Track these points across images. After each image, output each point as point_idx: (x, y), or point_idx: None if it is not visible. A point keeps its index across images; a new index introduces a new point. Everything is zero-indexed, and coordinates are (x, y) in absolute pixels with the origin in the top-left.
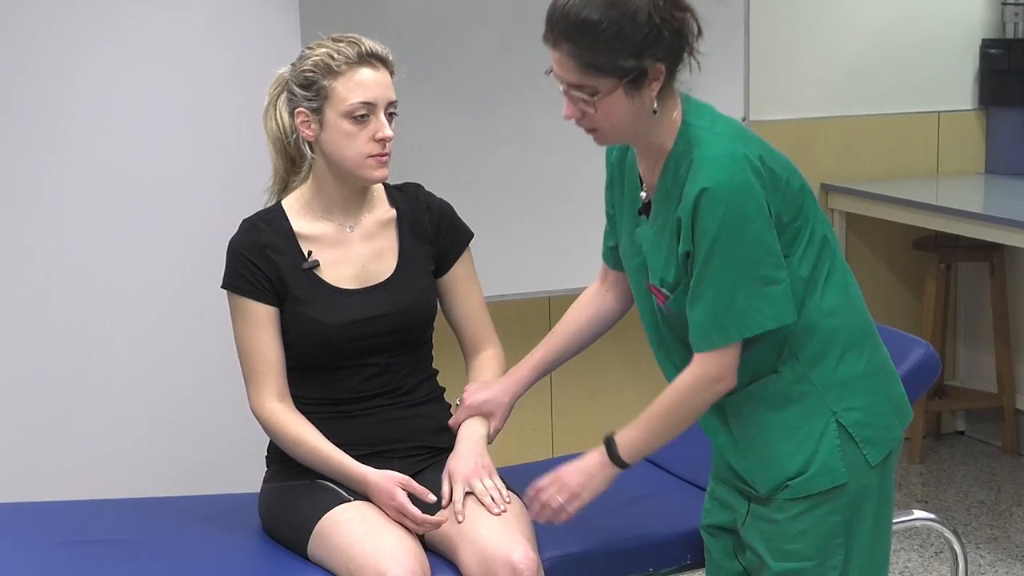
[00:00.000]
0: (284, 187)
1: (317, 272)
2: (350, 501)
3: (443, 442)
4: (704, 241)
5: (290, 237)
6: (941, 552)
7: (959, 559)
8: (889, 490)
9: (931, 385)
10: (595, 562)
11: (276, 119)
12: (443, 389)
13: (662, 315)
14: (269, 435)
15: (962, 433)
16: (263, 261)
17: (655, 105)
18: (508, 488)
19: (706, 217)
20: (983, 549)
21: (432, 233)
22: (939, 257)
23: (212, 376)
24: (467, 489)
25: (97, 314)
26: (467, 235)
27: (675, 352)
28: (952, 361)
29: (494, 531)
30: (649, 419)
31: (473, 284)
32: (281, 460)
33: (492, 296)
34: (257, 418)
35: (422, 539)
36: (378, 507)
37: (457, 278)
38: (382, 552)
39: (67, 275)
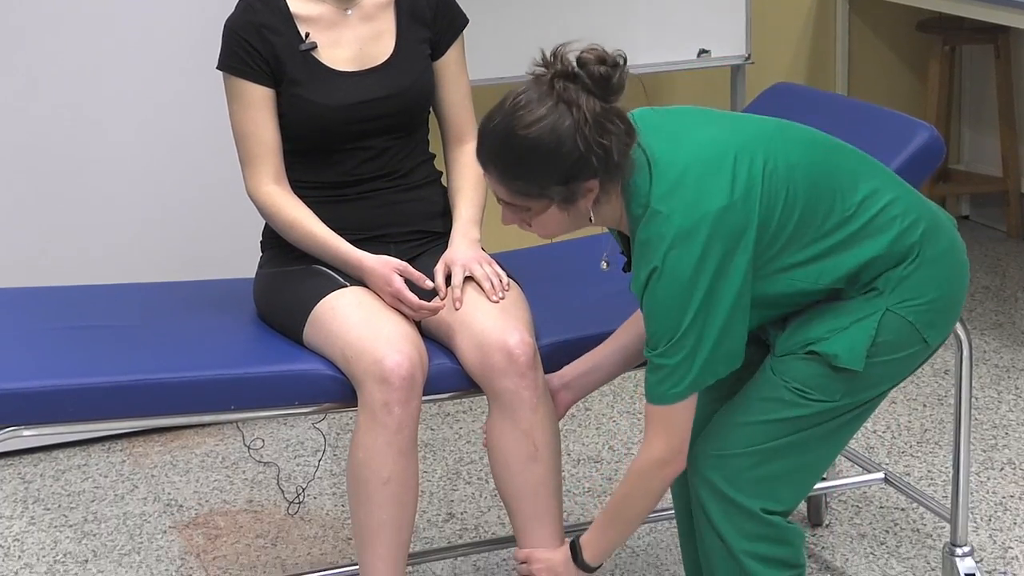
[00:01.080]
0: None
1: (314, 54)
2: (347, 286)
3: (439, 227)
4: (654, 309)
5: (287, 18)
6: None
7: (963, 345)
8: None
9: (935, 169)
10: (592, 348)
11: None
12: (440, 173)
13: None
14: (265, 218)
15: (967, 218)
16: (259, 41)
17: (591, 215)
18: (508, 276)
19: (644, 299)
20: (988, 335)
21: (429, 16)
22: (943, 39)
23: (208, 162)
24: (467, 274)
25: (92, 101)
26: (462, 20)
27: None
28: (956, 145)
29: (491, 317)
30: (605, 517)
31: (463, 72)
32: (276, 245)
33: (490, 79)
34: (253, 201)
35: (419, 326)
36: (375, 293)
37: (448, 64)
38: (379, 338)
39: (59, 63)
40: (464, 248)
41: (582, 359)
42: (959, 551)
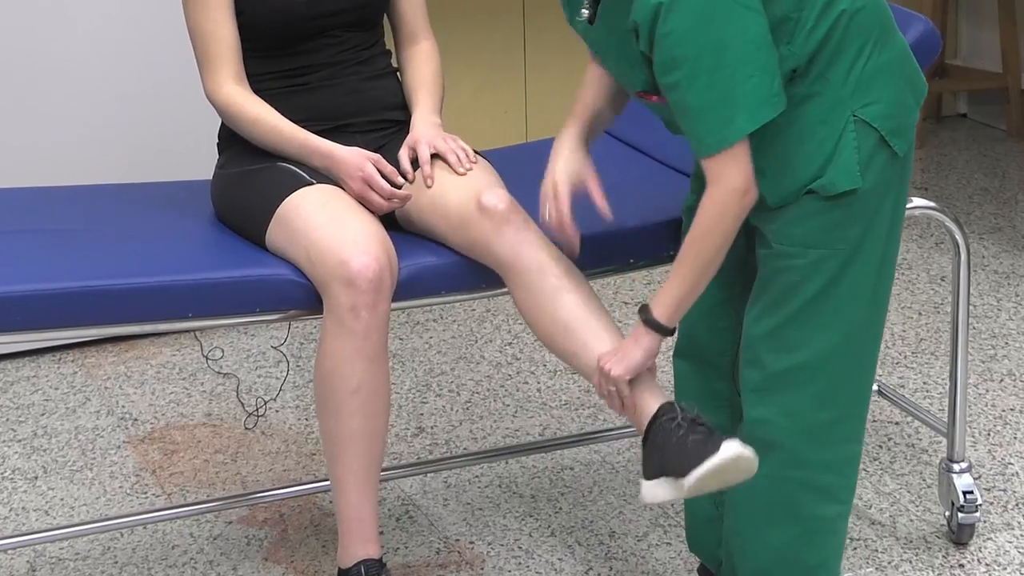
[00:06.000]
0: None
1: None
2: (313, 184)
3: (401, 116)
4: (671, 53)
5: None
6: (942, 243)
7: (961, 250)
8: (908, 179)
9: (931, 64)
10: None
11: None
12: (396, 69)
13: (660, 109)
14: (226, 120)
15: (964, 116)
16: None
17: None
18: (476, 152)
19: (668, 27)
20: (986, 239)
21: None
22: None
23: (163, 58)
24: (432, 151)
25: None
26: None
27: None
28: (954, 38)
29: (463, 186)
30: (679, 269)
31: None
32: (236, 144)
33: None
34: (213, 103)
35: (394, 223)
36: (342, 191)
37: None
38: (345, 239)
39: None
40: (426, 128)
41: (561, 145)
42: (956, 467)
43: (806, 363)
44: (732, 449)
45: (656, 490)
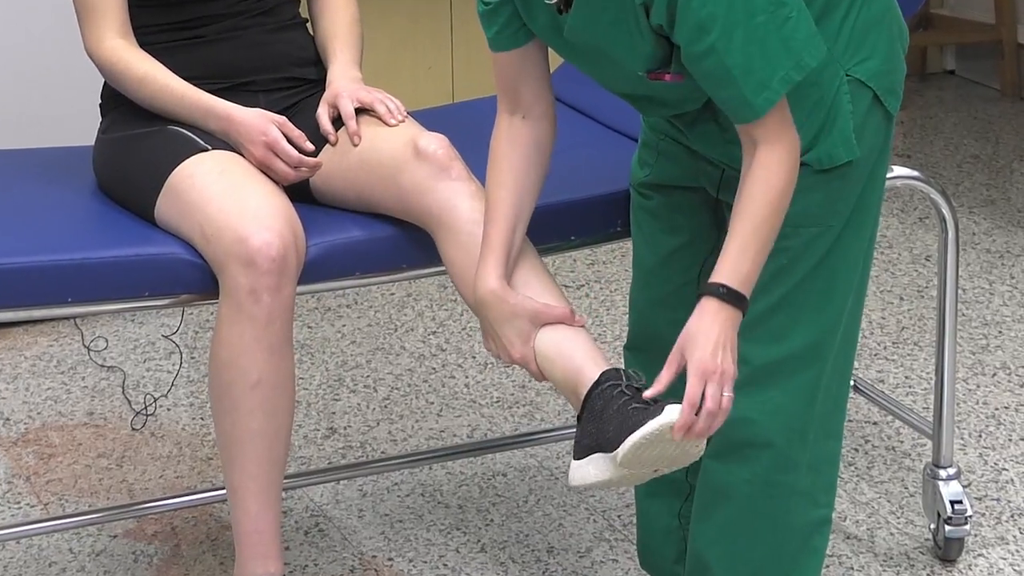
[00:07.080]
0: None
1: None
2: (208, 150)
3: (313, 74)
4: (698, 15)
5: None
6: (926, 217)
7: (948, 225)
8: (892, 142)
9: (914, 14)
10: None
11: None
12: (306, 20)
13: (666, 88)
14: (109, 79)
15: (952, 72)
16: None
17: None
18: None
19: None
20: (977, 213)
21: None
22: None
23: (39, 12)
24: (356, 105)
25: None
26: None
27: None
28: None
29: (395, 134)
30: (755, 240)
31: None
32: (121, 105)
33: None
34: (94, 60)
35: (308, 194)
36: (242, 158)
37: None
38: (244, 213)
39: None
40: (346, 82)
41: (492, 271)
42: (943, 473)
43: (794, 353)
44: (676, 412)
45: (586, 469)
